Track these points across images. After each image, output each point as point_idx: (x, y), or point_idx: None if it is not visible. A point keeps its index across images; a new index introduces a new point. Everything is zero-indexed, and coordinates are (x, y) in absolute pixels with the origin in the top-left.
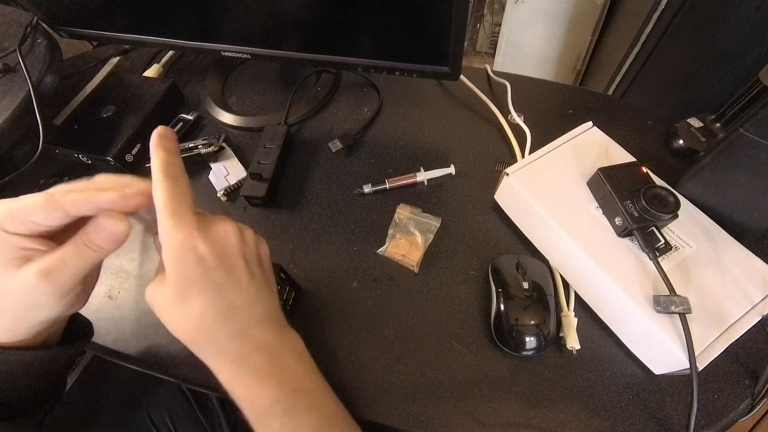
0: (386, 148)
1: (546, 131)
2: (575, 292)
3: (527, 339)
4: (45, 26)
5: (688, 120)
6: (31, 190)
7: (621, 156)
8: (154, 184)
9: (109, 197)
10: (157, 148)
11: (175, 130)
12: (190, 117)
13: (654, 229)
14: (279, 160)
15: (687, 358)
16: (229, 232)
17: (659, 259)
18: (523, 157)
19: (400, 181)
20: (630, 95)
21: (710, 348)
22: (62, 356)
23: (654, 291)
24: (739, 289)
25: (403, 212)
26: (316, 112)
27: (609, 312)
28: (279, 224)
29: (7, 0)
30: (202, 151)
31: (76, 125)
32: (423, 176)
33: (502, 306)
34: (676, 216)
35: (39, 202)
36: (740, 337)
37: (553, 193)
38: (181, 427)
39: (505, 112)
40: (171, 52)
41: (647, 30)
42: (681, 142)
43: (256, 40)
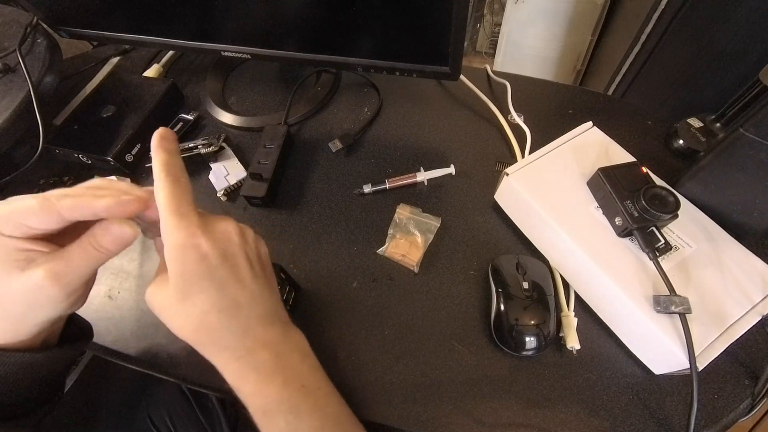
0: (386, 148)
1: (546, 131)
2: (575, 292)
3: (527, 339)
4: (45, 26)
5: (688, 120)
6: (31, 190)
7: (621, 156)
8: (155, 185)
9: (106, 204)
10: (158, 149)
11: (175, 130)
12: (190, 117)
13: (654, 229)
14: (279, 160)
15: (687, 358)
16: (230, 231)
17: (659, 259)
18: (523, 157)
19: (400, 181)
20: (630, 95)
21: (710, 348)
22: (61, 358)
23: (654, 291)
24: (739, 289)
25: (403, 212)
26: (316, 112)
27: (609, 312)
28: (279, 224)
29: (7, 0)
30: (202, 151)
31: (76, 125)
32: (423, 176)
33: (502, 306)
34: (676, 216)
35: (33, 206)
36: (740, 337)
37: (553, 193)
38: (181, 427)
39: (505, 112)
40: (171, 52)
41: (647, 30)
42: (681, 142)
43: (256, 40)
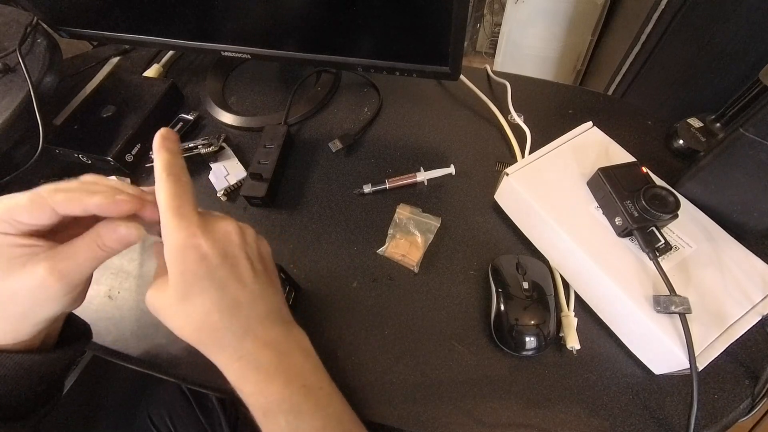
0: (386, 148)
1: (546, 131)
2: (575, 292)
3: (527, 339)
4: (45, 26)
5: (688, 120)
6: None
7: (621, 156)
8: (157, 185)
9: (98, 201)
10: (159, 149)
11: (175, 130)
12: (190, 117)
13: (654, 229)
14: (279, 160)
15: (687, 358)
16: (230, 231)
17: (659, 259)
18: (523, 157)
19: (400, 181)
20: (630, 95)
21: (710, 348)
22: (61, 359)
23: (654, 291)
24: (739, 289)
25: (403, 212)
26: (316, 112)
27: (609, 312)
28: (279, 224)
29: (7, 0)
30: (202, 151)
31: (76, 125)
32: (423, 176)
33: (502, 306)
34: (676, 216)
35: (23, 203)
36: (740, 337)
37: (553, 193)
38: (181, 427)
39: (505, 112)
40: (171, 52)
41: (647, 30)
42: (681, 142)
43: (256, 40)
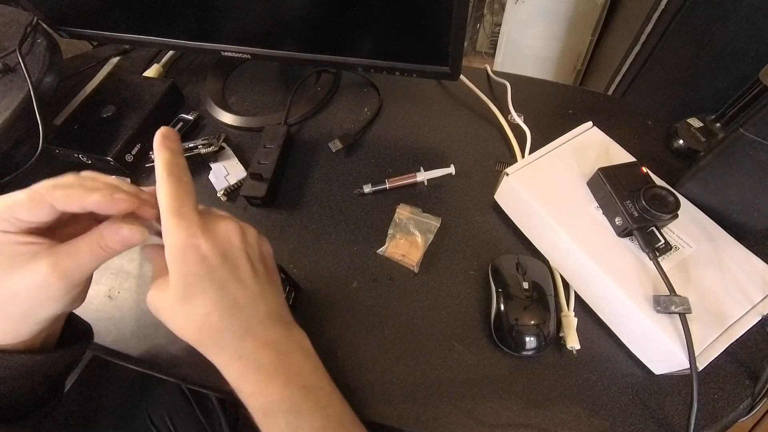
0: (386, 148)
1: (546, 131)
2: (575, 292)
3: (527, 339)
4: (45, 26)
5: (688, 120)
6: None
7: (621, 156)
8: (158, 184)
9: (96, 199)
10: (160, 148)
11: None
12: (190, 117)
13: (654, 229)
14: (279, 160)
15: (687, 358)
16: (231, 231)
17: (659, 259)
18: (523, 157)
19: (400, 181)
20: (630, 95)
21: (710, 348)
22: (62, 360)
23: (654, 291)
24: (739, 289)
25: (403, 212)
26: (316, 112)
27: (609, 312)
28: (279, 224)
29: (7, 0)
30: (202, 151)
31: (76, 125)
32: (423, 176)
33: (502, 306)
34: (676, 216)
35: (22, 200)
36: (740, 337)
37: (553, 193)
38: (181, 427)
39: (505, 112)
40: (171, 52)
41: (647, 30)
42: (681, 142)
43: (256, 40)
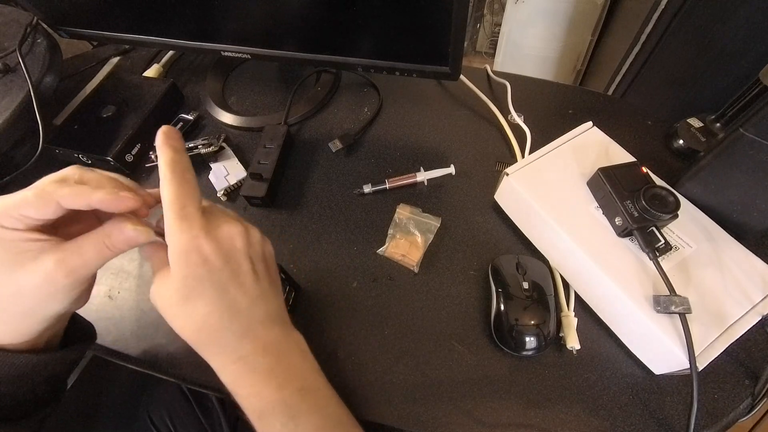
0: (386, 148)
1: (546, 131)
2: (575, 292)
3: (527, 339)
4: (45, 26)
5: (688, 120)
6: None
7: (621, 156)
8: (161, 183)
9: (101, 197)
10: (163, 146)
11: None
12: (190, 117)
13: (654, 229)
14: (279, 160)
15: (687, 358)
16: (234, 233)
17: (659, 259)
18: (523, 157)
19: (400, 181)
20: (630, 95)
21: (710, 348)
22: (65, 359)
23: (654, 291)
24: (739, 289)
25: (403, 212)
26: (316, 112)
27: (609, 312)
28: (279, 224)
29: (7, 0)
30: (202, 151)
31: (76, 125)
32: (423, 176)
33: (502, 306)
34: (676, 216)
35: (30, 198)
36: (740, 337)
37: (553, 193)
38: (181, 427)
39: (505, 112)
40: (171, 52)
41: (647, 30)
42: (681, 142)
43: (256, 40)
